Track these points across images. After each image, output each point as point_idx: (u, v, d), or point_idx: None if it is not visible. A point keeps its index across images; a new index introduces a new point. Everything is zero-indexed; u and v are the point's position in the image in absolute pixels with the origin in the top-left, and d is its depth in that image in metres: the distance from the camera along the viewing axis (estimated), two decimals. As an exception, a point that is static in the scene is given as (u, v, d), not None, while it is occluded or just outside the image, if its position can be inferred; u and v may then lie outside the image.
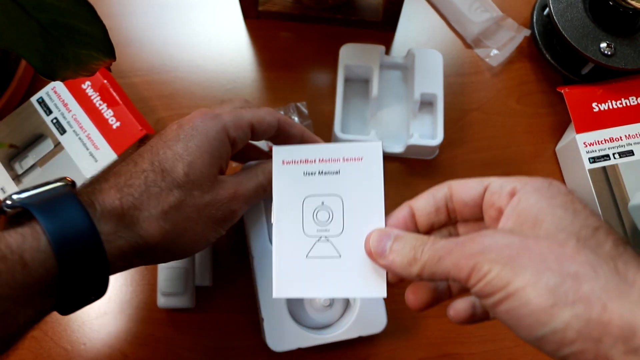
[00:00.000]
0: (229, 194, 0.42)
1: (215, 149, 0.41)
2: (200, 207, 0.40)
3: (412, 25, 0.66)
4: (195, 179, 0.40)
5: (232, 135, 0.43)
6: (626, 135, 0.57)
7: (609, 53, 0.56)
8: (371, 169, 0.41)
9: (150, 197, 0.39)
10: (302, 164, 0.42)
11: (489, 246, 0.32)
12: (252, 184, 0.44)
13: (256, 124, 0.44)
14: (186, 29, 0.65)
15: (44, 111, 0.56)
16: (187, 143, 0.41)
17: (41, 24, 0.34)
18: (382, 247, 0.37)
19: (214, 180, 0.41)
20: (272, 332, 0.50)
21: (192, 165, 0.40)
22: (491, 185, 0.36)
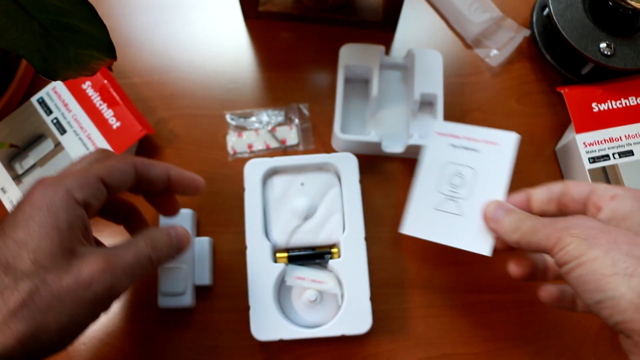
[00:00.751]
0: (98, 268, 0.36)
1: (62, 221, 0.36)
2: (60, 292, 0.35)
3: (412, 26, 0.66)
4: (46, 263, 0.35)
5: (79, 197, 0.38)
6: (626, 136, 0.57)
7: (609, 53, 0.56)
8: (504, 154, 0.50)
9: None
10: (451, 138, 0.52)
11: (576, 224, 0.39)
12: (131, 253, 0.39)
13: (106, 177, 0.40)
14: (187, 29, 0.65)
15: (44, 111, 0.56)
16: (28, 225, 0.35)
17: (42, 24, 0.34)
18: (496, 214, 0.46)
19: (71, 258, 0.36)
20: (257, 321, 0.51)
21: (39, 249, 0.35)
22: (598, 188, 0.42)
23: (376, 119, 0.61)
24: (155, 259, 0.41)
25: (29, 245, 0.35)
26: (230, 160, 0.60)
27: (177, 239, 0.44)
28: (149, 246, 0.41)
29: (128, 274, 0.39)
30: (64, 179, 0.38)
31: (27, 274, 0.34)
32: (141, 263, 0.40)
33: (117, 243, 0.40)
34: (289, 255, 0.54)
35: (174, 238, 0.44)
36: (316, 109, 0.62)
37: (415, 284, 0.57)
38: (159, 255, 0.42)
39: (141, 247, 0.40)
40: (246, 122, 0.61)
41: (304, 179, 0.56)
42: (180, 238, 0.45)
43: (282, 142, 0.61)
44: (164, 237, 0.43)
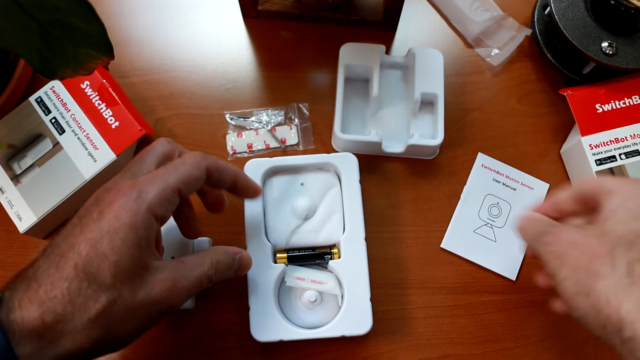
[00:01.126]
0: (166, 287, 0.40)
1: (142, 238, 0.39)
2: (133, 306, 0.38)
3: (412, 25, 0.66)
4: (123, 278, 0.38)
5: (159, 213, 0.40)
6: (631, 135, 0.57)
7: (611, 52, 0.55)
8: (536, 197, 0.60)
9: (75, 308, 0.36)
10: (494, 173, 0.60)
11: (553, 240, 0.41)
12: (195, 275, 0.42)
13: (183, 187, 0.41)
14: (186, 28, 0.65)
15: (42, 111, 0.56)
16: (112, 239, 0.38)
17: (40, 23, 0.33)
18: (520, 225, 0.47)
19: (145, 273, 0.39)
20: (257, 322, 0.51)
21: (119, 264, 0.37)
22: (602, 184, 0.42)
23: (376, 118, 0.60)
24: (215, 280, 0.44)
25: (110, 259, 0.37)
26: (230, 160, 0.60)
27: (239, 265, 0.47)
28: (213, 268, 0.44)
29: (189, 293, 0.42)
30: (144, 192, 0.39)
31: (107, 286, 0.37)
32: (202, 284, 0.43)
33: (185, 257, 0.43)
34: (289, 255, 0.54)
35: (236, 262, 0.46)
36: (316, 108, 0.62)
37: (416, 284, 0.57)
38: (218, 277, 0.45)
39: (206, 270, 0.43)
40: (246, 122, 0.61)
41: (303, 179, 0.56)
42: (242, 264, 0.47)
43: (282, 142, 0.60)
44: (229, 261, 0.46)
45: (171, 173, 0.41)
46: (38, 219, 0.54)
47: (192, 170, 0.42)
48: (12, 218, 0.54)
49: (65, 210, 0.56)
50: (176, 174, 0.41)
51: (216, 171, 0.44)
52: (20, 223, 0.54)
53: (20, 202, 0.54)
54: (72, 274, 0.36)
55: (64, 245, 0.38)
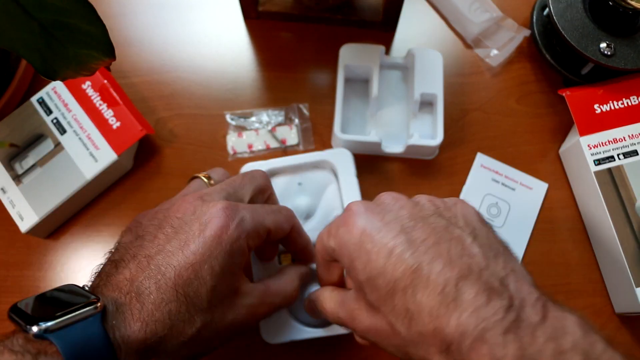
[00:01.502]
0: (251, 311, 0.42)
1: (237, 265, 0.40)
2: (220, 329, 0.40)
3: (412, 25, 0.66)
4: (217, 302, 0.39)
5: (252, 245, 0.42)
6: (629, 135, 0.57)
7: (609, 53, 0.56)
8: (535, 198, 0.60)
9: (174, 331, 0.37)
10: (493, 173, 0.60)
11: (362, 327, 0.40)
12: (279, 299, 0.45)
13: (273, 231, 0.44)
14: (186, 29, 0.65)
15: (44, 111, 0.56)
16: (212, 265, 0.38)
17: (41, 23, 0.34)
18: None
19: (235, 297, 0.41)
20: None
21: (215, 289, 0.39)
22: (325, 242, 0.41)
23: (376, 119, 0.61)
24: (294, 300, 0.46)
25: (208, 284, 0.38)
26: (230, 160, 0.60)
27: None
28: (297, 290, 0.46)
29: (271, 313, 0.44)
30: (244, 221, 0.41)
31: (202, 310, 0.38)
32: (282, 306, 0.45)
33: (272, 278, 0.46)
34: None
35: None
36: (316, 109, 0.62)
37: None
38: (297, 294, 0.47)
39: (289, 290, 0.45)
40: (246, 122, 0.61)
41: (300, 179, 0.56)
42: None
43: (282, 142, 0.61)
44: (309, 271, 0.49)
45: (269, 214, 0.43)
46: (40, 219, 0.54)
47: (284, 222, 0.45)
48: (14, 218, 0.54)
49: (66, 210, 0.56)
50: (273, 217, 0.44)
51: (297, 231, 0.47)
52: (22, 223, 0.54)
53: (21, 202, 0.54)
54: (174, 297, 0.37)
55: (160, 258, 0.38)
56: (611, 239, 0.54)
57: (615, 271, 0.55)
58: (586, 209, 0.59)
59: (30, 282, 0.57)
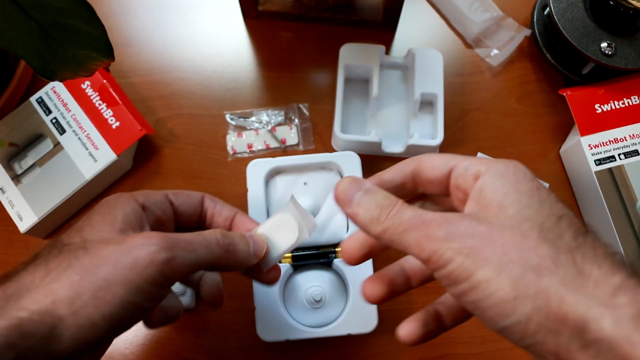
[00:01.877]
0: (144, 237, 0.35)
1: (118, 211, 0.38)
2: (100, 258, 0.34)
3: (412, 25, 0.66)
4: (93, 237, 0.36)
5: (140, 200, 0.40)
6: (630, 135, 0.57)
7: (610, 53, 0.56)
8: None
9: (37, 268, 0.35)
10: None
11: (453, 234, 0.31)
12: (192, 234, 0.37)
13: (172, 196, 0.42)
14: (186, 29, 0.65)
15: (43, 111, 0.56)
16: (89, 216, 0.38)
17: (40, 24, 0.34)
18: (350, 195, 0.35)
19: (119, 235, 0.37)
20: (263, 322, 0.51)
21: (90, 229, 0.37)
22: (457, 166, 0.35)
23: (376, 118, 0.61)
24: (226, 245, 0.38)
25: (83, 228, 0.37)
26: (230, 160, 0.60)
27: (253, 241, 0.41)
28: (217, 232, 0.39)
29: (188, 249, 0.36)
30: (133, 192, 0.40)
31: (73, 247, 0.35)
32: (207, 244, 0.38)
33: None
34: (294, 255, 0.54)
35: (249, 239, 0.41)
36: (316, 109, 0.62)
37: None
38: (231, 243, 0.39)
39: (207, 232, 0.39)
40: (246, 122, 0.61)
41: (306, 179, 0.56)
42: (256, 241, 0.41)
43: (282, 142, 0.61)
44: (237, 233, 0.40)
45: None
46: (39, 219, 0.54)
47: (186, 190, 0.43)
48: (13, 218, 0.54)
49: (66, 210, 0.56)
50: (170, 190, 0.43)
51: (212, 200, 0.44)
52: (21, 223, 0.54)
53: (21, 202, 0.54)
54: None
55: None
56: (612, 238, 0.54)
57: (615, 271, 0.55)
58: (587, 209, 0.59)
59: (30, 283, 0.57)
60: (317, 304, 0.53)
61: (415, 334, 0.40)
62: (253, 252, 0.40)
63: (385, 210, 0.34)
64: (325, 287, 0.53)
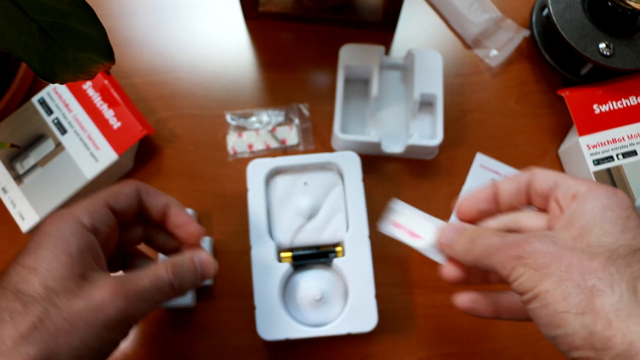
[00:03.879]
0: (110, 291, 0.36)
1: (73, 246, 0.37)
2: (71, 315, 0.35)
3: (411, 26, 0.66)
4: (56, 286, 0.35)
5: (87, 223, 0.38)
6: (628, 136, 0.57)
7: (608, 54, 0.56)
8: None
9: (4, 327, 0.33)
10: (493, 173, 0.59)
11: (528, 252, 0.35)
12: (148, 279, 0.39)
13: (112, 201, 0.41)
14: (187, 29, 0.65)
15: (45, 111, 0.57)
16: (37, 252, 0.36)
17: (41, 26, 0.34)
18: (448, 238, 0.42)
19: (82, 282, 0.36)
20: (263, 321, 0.51)
21: (49, 274, 0.35)
22: (562, 182, 0.39)
23: (376, 119, 0.61)
24: (178, 286, 0.41)
25: (39, 271, 0.35)
26: (231, 160, 0.60)
27: (201, 266, 0.43)
28: (169, 272, 0.40)
29: (145, 298, 0.38)
30: (72, 208, 0.39)
31: (37, 298, 0.34)
32: (160, 289, 0.40)
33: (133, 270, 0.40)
34: (294, 254, 0.54)
35: (197, 264, 0.43)
36: (316, 109, 0.62)
37: (415, 283, 0.57)
38: (181, 282, 0.41)
39: (160, 273, 0.40)
40: (246, 122, 0.61)
41: (307, 179, 0.56)
42: (204, 264, 0.43)
43: (282, 142, 0.61)
44: (187, 264, 0.42)
45: (100, 192, 0.42)
46: (41, 219, 0.54)
47: (121, 187, 0.42)
48: (15, 218, 0.55)
49: (67, 210, 0.56)
50: (105, 191, 0.42)
51: (145, 192, 0.43)
52: (22, 223, 0.54)
53: (22, 202, 0.55)
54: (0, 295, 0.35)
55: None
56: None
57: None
58: (585, 209, 0.59)
59: (32, 282, 0.57)
60: (317, 303, 0.53)
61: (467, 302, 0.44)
62: (200, 276, 0.43)
63: (474, 241, 0.39)
64: (325, 287, 0.53)
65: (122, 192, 0.42)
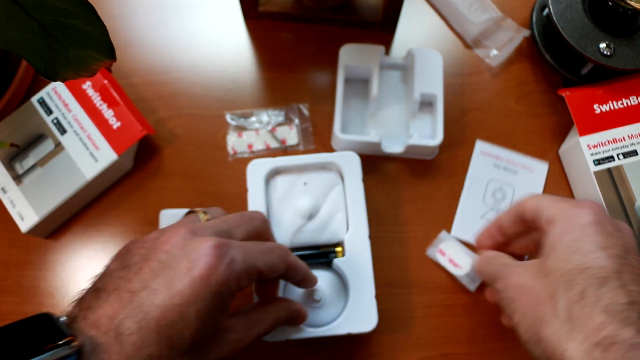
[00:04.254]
0: (233, 347, 0.40)
1: (224, 307, 0.39)
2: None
3: (411, 26, 0.66)
4: (201, 344, 0.37)
5: (242, 285, 0.40)
6: (629, 136, 0.57)
7: (608, 53, 0.56)
8: (538, 178, 0.61)
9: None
10: (494, 159, 0.61)
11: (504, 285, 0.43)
12: (257, 331, 0.43)
13: (265, 272, 0.41)
14: (187, 29, 0.65)
15: (44, 111, 0.57)
16: (199, 307, 0.36)
17: (42, 24, 0.34)
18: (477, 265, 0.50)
19: (218, 334, 0.39)
20: None
21: (200, 331, 0.37)
22: (542, 210, 0.43)
23: (376, 119, 0.61)
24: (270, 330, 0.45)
25: (193, 327, 0.36)
26: (231, 160, 0.60)
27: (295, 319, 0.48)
28: (273, 325, 0.45)
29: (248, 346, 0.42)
30: (235, 262, 0.39)
31: (184, 352, 0.36)
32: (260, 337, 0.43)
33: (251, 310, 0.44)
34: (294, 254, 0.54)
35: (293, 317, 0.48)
36: (316, 109, 0.62)
37: (416, 283, 0.57)
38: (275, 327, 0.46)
39: (268, 327, 0.44)
40: (246, 122, 0.61)
41: (306, 179, 0.56)
42: (298, 320, 0.48)
43: (282, 142, 0.61)
44: (289, 316, 0.47)
45: (262, 254, 0.41)
46: (40, 219, 0.54)
47: (279, 262, 0.43)
48: (14, 218, 0.54)
49: (67, 210, 0.56)
50: (265, 257, 0.41)
51: (293, 268, 0.45)
52: (22, 223, 0.54)
53: (22, 202, 0.54)
54: (155, 340, 0.35)
55: (144, 295, 0.36)
56: (610, 239, 0.54)
57: (614, 271, 0.55)
58: (586, 209, 0.59)
59: (31, 282, 0.57)
60: (317, 303, 0.53)
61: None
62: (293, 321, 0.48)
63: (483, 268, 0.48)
64: (325, 287, 0.53)
65: (276, 269, 0.43)
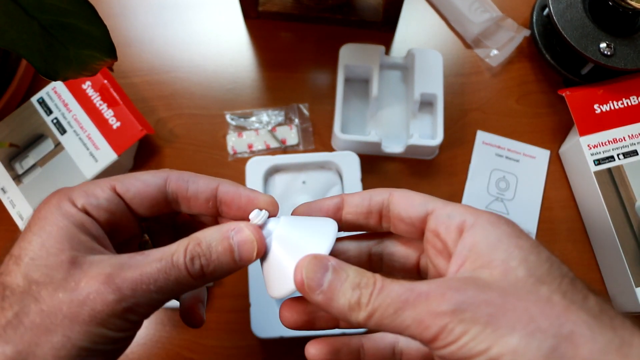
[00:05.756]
0: (99, 282, 0.29)
1: (62, 228, 0.31)
2: (52, 310, 0.29)
3: (412, 26, 0.66)
4: (38, 277, 0.30)
5: (80, 203, 0.32)
6: (629, 135, 0.57)
7: (609, 53, 0.56)
8: (540, 166, 0.61)
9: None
10: (496, 148, 0.61)
11: (463, 303, 0.26)
12: (156, 264, 0.30)
13: (120, 186, 0.33)
14: (187, 29, 0.65)
15: (44, 111, 0.56)
16: (25, 238, 0.31)
17: (42, 24, 0.34)
18: (317, 279, 0.29)
19: (70, 268, 0.30)
20: (258, 319, 0.51)
21: (32, 262, 0.30)
22: (437, 212, 0.32)
23: (376, 119, 0.61)
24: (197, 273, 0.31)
25: (22, 260, 0.30)
26: (231, 160, 0.60)
27: (239, 245, 0.32)
28: (186, 253, 0.31)
29: (147, 290, 0.30)
30: (69, 188, 0.33)
31: (17, 291, 0.30)
32: (171, 277, 0.30)
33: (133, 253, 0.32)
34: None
35: (234, 244, 0.32)
36: (316, 109, 0.62)
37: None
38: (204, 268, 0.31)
39: (176, 257, 0.31)
40: (246, 122, 0.61)
41: (305, 178, 0.56)
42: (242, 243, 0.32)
43: (282, 142, 0.61)
44: (218, 242, 0.32)
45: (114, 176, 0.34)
46: (40, 219, 0.54)
47: (142, 174, 0.34)
48: (14, 217, 0.54)
49: (66, 210, 0.56)
50: (118, 176, 0.34)
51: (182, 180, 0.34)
52: (22, 222, 0.54)
53: (22, 202, 0.54)
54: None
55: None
56: (611, 239, 0.54)
57: (615, 271, 0.55)
58: (586, 209, 0.59)
59: (31, 282, 0.57)
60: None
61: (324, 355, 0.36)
62: (239, 257, 0.32)
63: (365, 290, 0.28)
64: None
65: (139, 179, 0.34)
